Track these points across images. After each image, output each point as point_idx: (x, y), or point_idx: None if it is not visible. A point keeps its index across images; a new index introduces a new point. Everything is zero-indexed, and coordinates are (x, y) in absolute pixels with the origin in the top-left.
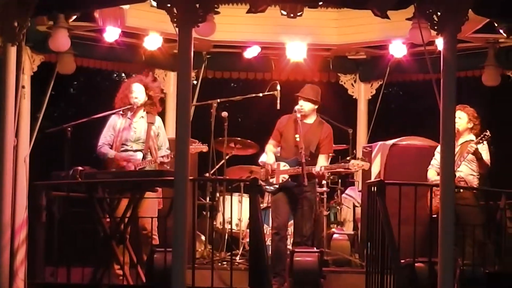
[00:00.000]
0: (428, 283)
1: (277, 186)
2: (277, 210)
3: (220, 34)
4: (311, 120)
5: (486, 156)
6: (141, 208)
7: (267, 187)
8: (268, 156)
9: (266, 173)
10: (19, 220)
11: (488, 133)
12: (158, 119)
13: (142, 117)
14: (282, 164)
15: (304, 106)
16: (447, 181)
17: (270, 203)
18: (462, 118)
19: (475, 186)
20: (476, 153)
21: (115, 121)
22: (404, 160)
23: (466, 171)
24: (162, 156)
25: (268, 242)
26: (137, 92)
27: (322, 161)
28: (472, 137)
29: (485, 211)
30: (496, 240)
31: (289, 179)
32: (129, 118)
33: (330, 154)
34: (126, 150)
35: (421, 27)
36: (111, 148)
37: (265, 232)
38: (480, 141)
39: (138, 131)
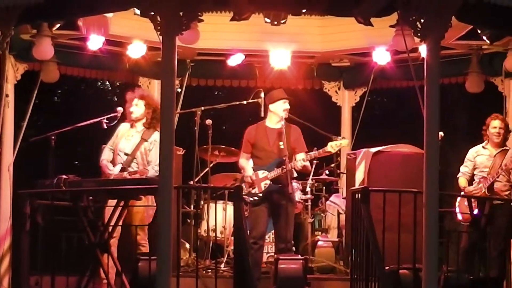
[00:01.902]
0: None
1: (260, 194)
2: (257, 219)
3: (204, 42)
4: (279, 124)
5: None
6: (131, 216)
7: (251, 198)
8: (247, 168)
9: (247, 185)
10: (3, 229)
11: None
12: (154, 136)
13: (138, 131)
14: (260, 172)
15: (288, 108)
16: (431, 188)
17: (248, 212)
18: (501, 128)
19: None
20: None
21: (119, 129)
22: (388, 167)
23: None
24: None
25: None
26: (135, 106)
27: (302, 156)
28: (507, 147)
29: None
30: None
31: (271, 183)
32: (126, 129)
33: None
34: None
35: (405, 34)
36: (113, 152)
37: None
38: None
39: (129, 145)
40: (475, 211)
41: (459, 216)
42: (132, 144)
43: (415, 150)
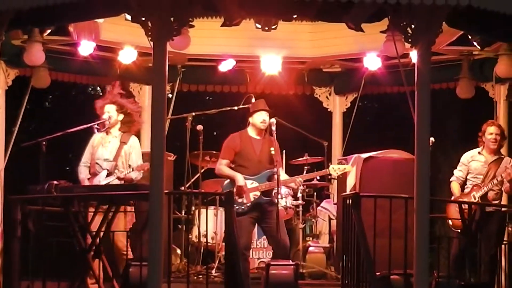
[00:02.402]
0: None
1: (248, 204)
2: (242, 230)
3: (195, 48)
4: (260, 136)
5: None
6: (114, 223)
7: (237, 207)
8: (237, 177)
9: (237, 194)
10: None
11: None
12: (132, 139)
13: (116, 136)
14: (249, 182)
15: (266, 119)
16: (422, 194)
17: None
18: (497, 134)
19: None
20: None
21: (94, 139)
22: (380, 172)
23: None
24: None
25: None
26: (107, 113)
27: (283, 173)
28: (503, 155)
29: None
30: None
31: (262, 196)
32: (102, 137)
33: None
34: (100, 168)
35: (395, 39)
36: (89, 166)
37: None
38: None
39: (109, 150)
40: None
41: (450, 222)
42: (111, 150)
43: (406, 156)
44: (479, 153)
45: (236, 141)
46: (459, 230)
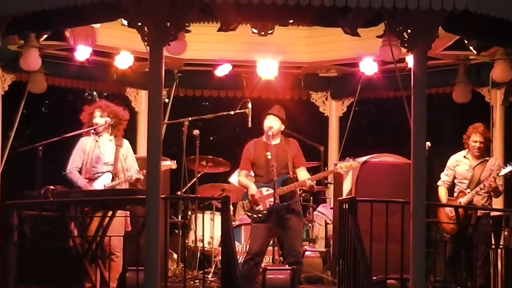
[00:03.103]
0: None
1: (265, 212)
2: (256, 236)
3: (191, 53)
4: (277, 140)
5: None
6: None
7: (255, 215)
8: (250, 186)
9: (253, 202)
10: None
11: None
12: (125, 142)
13: (110, 140)
14: (264, 189)
15: (273, 124)
16: (418, 198)
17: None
18: (481, 142)
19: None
20: (495, 189)
21: (84, 144)
22: (376, 177)
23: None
24: (137, 172)
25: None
26: (98, 118)
27: (305, 173)
28: (487, 157)
29: None
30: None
31: (277, 201)
32: (96, 141)
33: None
34: (97, 173)
35: (392, 44)
36: (80, 171)
37: (236, 249)
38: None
39: (107, 154)
40: None
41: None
42: (109, 153)
43: (403, 160)
44: (464, 157)
45: (250, 150)
46: (449, 235)
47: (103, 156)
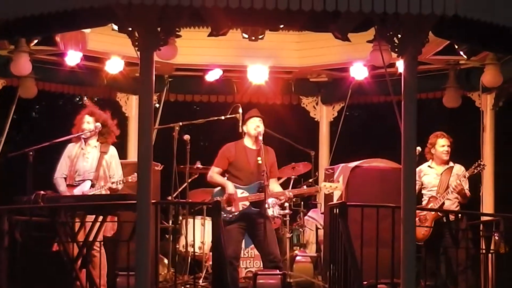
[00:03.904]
0: None
1: (236, 214)
2: (230, 239)
3: (182, 57)
4: (256, 145)
5: (466, 186)
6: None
7: (225, 215)
8: (228, 185)
9: (226, 202)
10: None
11: (483, 162)
12: (111, 149)
13: (95, 146)
14: (239, 191)
15: (261, 126)
16: (409, 203)
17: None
18: (448, 146)
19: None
20: (462, 191)
21: (70, 150)
22: (366, 182)
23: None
24: (112, 183)
25: None
26: (86, 124)
27: (277, 185)
28: (452, 164)
29: None
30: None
31: (251, 206)
32: (82, 148)
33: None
34: (79, 180)
35: (382, 49)
36: (65, 178)
37: None
38: (475, 170)
39: (90, 160)
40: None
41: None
42: (92, 161)
43: (393, 165)
44: (429, 166)
45: (231, 151)
46: (421, 243)
47: (86, 163)
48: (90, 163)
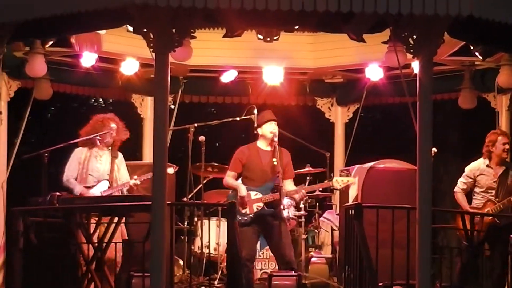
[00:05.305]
0: None
1: (251, 215)
2: (245, 241)
3: (196, 59)
4: (270, 146)
5: None
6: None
7: (240, 218)
8: (240, 188)
9: (240, 205)
10: None
11: None
12: (120, 154)
13: (107, 150)
14: (253, 193)
15: (276, 130)
16: (424, 204)
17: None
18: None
19: None
20: None
21: (79, 154)
22: (382, 183)
23: None
24: (136, 179)
25: None
26: (113, 131)
27: (292, 186)
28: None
29: None
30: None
31: (265, 207)
32: (91, 151)
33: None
34: (93, 181)
35: (397, 50)
36: (76, 179)
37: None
38: None
39: (104, 163)
40: None
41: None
42: (105, 163)
43: (408, 166)
44: (487, 165)
45: (244, 153)
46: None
47: (100, 165)
48: (104, 165)
